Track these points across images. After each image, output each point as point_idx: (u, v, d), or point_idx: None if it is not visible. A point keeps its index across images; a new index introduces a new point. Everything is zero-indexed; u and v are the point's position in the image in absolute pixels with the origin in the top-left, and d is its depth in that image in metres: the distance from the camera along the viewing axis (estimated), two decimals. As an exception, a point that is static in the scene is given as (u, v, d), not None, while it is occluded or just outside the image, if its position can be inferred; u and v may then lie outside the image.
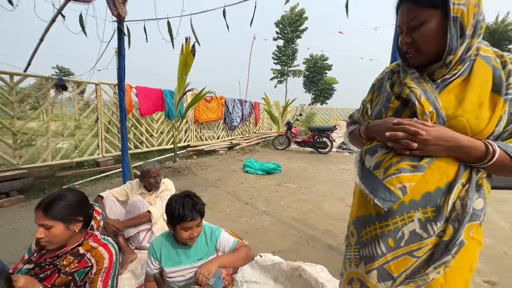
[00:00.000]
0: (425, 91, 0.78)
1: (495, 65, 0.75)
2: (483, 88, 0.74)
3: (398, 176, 0.77)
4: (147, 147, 6.45)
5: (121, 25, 3.39)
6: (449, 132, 0.74)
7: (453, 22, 0.72)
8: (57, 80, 4.43)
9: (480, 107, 0.73)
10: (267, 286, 1.84)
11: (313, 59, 20.87)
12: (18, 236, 2.56)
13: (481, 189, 0.75)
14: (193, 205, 1.27)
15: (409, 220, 0.78)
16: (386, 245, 0.81)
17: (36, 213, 1.12)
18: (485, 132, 0.73)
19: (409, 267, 0.79)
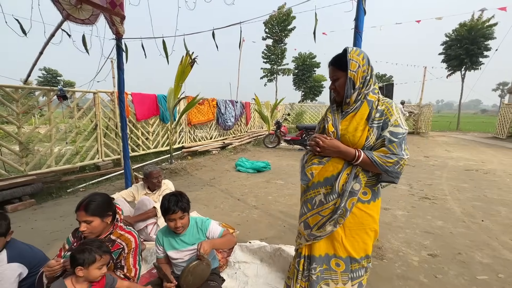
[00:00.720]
0: (334, 118, 1.37)
1: (373, 106, 1.29)
2: (360, 119, 1.29)
3: (310, 167, 1.37)
4: (144, 149, 6.79)
5: (119, 42, 3.74)
6: (336, 142, 1.30)
7: (349, 80, 1.28)
8: (58, 91, 4.73)
9: (355, 130, 1.29)
10: (254, 265, 2.29)
11: (301, 57, 21.30)
12: (38, 235, 2.92)
13: (357, 177, 1.28)
14: (176, 202, 1.64)
15: (317, 193, 1.35)
16: (307, 207, 1.41)
17: (78, 213, 1.49)
18: (359, 144, 1.28)
19: (319, 221, 1.35)
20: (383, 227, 3.05)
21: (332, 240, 1.35)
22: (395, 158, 1.21)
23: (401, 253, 2.51)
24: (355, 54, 1.27)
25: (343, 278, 1.35)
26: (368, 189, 1.32)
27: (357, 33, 2.23)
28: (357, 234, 1.33)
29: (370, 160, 1.22)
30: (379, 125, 1.26)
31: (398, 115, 1.27)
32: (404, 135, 1.25)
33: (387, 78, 24.27)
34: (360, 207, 1.31)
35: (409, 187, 4.59)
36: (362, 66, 1.26)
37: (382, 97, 1.32)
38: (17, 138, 4.32)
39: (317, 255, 1.37)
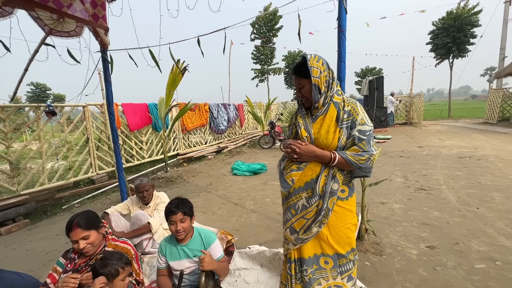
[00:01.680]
0: (305, 123, 1.41)
1: (340, 107, 1.37)
2: (330, 122, 1.36)
3: (290, 174, 1.41)
4: (138, 160, 6.73)
5: (105, 54, 3.70)
6: (312, 147, 1.35)
7: (314, 86, 1.34)
8: (46, 107, 4.66)
9: (327, 133, 1.35)
10: (255, 271, 2.28)
11: (291, 56, 21.41)
12: (33, 256, 2.87)
13: (335, 178, 1.36)
14: (177, 204, 1.71)
15: (299, 198, 1.41)
16: (291, 213, 1.45)
17: (72, 232, 1.48)
18: (332, 146, 1.35)
19: (304, 225, 1.40)
20: (381, 222, 3.06)
21: (319, 240, 1.41)
22: (366, 155, 1.30)
23: (400, 247, 2.53)
24: (315, 61, 1.33)
25: (333, 274, 1.41)
26: (345, 186, 1.40)
27: (340, 33, 2.24)
28: (341, 231, 1.40)
29: (344, 160, 1.31)
30: (348, 125, 1.34)
31: (363, 113, 1.36)
32: (371, 132, 1.34)
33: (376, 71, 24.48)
34: (340, 205, 1.39)
35: (404, 179, 4.63)
36: (324, 71, 1.33)
37: (346, 98, 1.40)
38: (7, 158, 4.25)
39: (307, 257, 1.42)
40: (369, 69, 24.95)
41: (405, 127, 13.16)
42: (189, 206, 1.76)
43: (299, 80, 1.38)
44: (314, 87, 1.33)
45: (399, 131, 11.43)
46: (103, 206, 4.47)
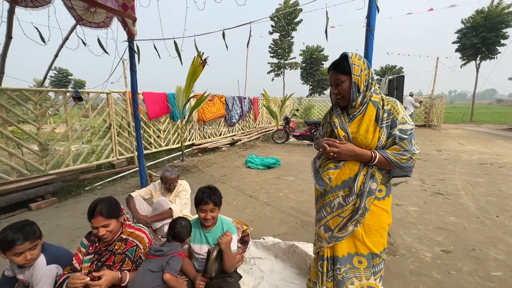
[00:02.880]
0: (341, 122, 1.39)
1: (379, 107, 1.34)
2: (370, 121, 1.33)
3: (327, 172, 1.40)
4: (155, 147, 6.95)
5: (131, 44, 3.82)
6: (351, 146, 1.34)
7: (353, 85, 1.32)
8: (74, 92, 4.88)
9: (367, 132, 1.33)
10: (269, 261, 2.37)
11: (309, 51, 21.03)
12: (62, 232, 3.09)
13: (374, 177, 1.35)
14: (209, 194, 1.78)
15: (336, 196, 1.40)
16: (326, 211, 1.45)
17: (94, 220, 1.52)
18: (372, 145, 1.32)
19: (339, 223, 1.40)
20: (395, 223, 3.07)
21: (354, 239, 1.40)
22: (408, 154, 1.28)
23: (414, 249, 2.54)
24: (356, 59, 1.31)
25: (366, 274, 1.40)
26: (383, 186, 1.38)
27: (369, 31, 2.22)
28: (376, 231, 1.39)
29: (385, 159, 1.29)
30: (388, 124, 1.32)
31: (403, 112, 1.33)
32: (412, 131, 1.31)
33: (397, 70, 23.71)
34: (377, 204, 1.37)
35: (421, 182, 4.56)
36: (364, 70, 1.31)
37: (385, 97, 1.37)
38: (37, 139, 4.51)
39: (340, 256, 1.41)
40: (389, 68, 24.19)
41: (423, 129, 12.79)
42: (219, 197, 1.82)
43: (337, 76, 1.34)
44: (354, 85, 1.30)
45: (417, 133, 11.13)
46: (123, 189, 4.68)
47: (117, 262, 1.60)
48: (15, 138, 4.32)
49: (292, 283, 2.07)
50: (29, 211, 3.75)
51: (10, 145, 4.25)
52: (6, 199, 3.55)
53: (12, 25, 3.72)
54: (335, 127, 1.39)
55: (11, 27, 3.83)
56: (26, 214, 3.68)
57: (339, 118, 1.40)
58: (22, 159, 4.40)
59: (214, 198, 1.77)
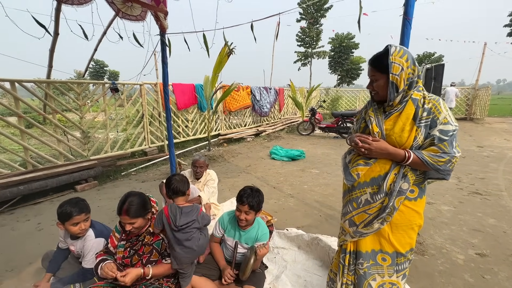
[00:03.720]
0: (377, 118, 1.35)
1: (419, 105, 1.26)
2: (406, 119, 1.27)
3: (356, 168, 1.39)
4: (184, 137, 7.24)
5: (163, 37, 3.97)
6: (384, 144, 1.29)
7: (391, 84, 1.25)
8: (111, 84, 5.23)
9: (402, 131, 1.27)
10: (292, 251, 2.42)
11: (338, 38, 20.12)
12: (103, 212, 3.41)
13: (406, 177, 1.29)
14: (247, 196, 1.77)
15: (363, 193, 1.38)
16: (352, 206, 1.43)
17: (122, 217, 1.62)
18: (407, 145, 1.27)
19: (365, 219, 1.38)
20: (426, 221, 2.94)
21: (379, 237, 1.38)
22: (446, 157, 1.19)
23: (445, 250, 2.44)
24: (398, 56, 1.21)
25: (389, 271, 1.39)
26: (415, 187, 1.32)
27: (406, 20, 2.10)
28: (403, 231, 1.35)
29: (420, 160, 1.22)
30: (427, 124, 1.24)
31: (446, 112, 1.24)
32: (454, 132, 1.22)
33: (436, 58, 21.86)
34: (407, 205, 1.32)
35: (457, 180, 4.28)
36: (407, 69, 1.21)
37: (427, 94, 1.28)
38: (80, 127, 4.94)
39: (364, 251, 1.41)
40: (426, 55, 22.40)
41: (463, 122, 11.80)
42: (258, 202, 1.78)
43: (373, 73, 1.29)
44: (391, 85, 1.23)
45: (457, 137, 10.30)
46: (155, 176, 5.00)
47: (146, 252, 1.71)
48: (62, 126, 4.77)
49: (314, 274, 2.11)
50: (75, 192, 4.18)
51: (58, 132, 4.72)
52: (56, 181, 3.98)
53: (59, 22, 4.04)
54: (369, 123, 1.35)
55: (58, 24, 4.17)
56: (72, 195, 4.10)
57: (375, 114, 1.35)
58: (68, 145, 4.87)
59: (251, 201, 1.75)
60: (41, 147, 5.89)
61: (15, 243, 2.69)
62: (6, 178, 3.62)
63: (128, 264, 1.67)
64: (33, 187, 3.71)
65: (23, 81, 4.10)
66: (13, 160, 4.45)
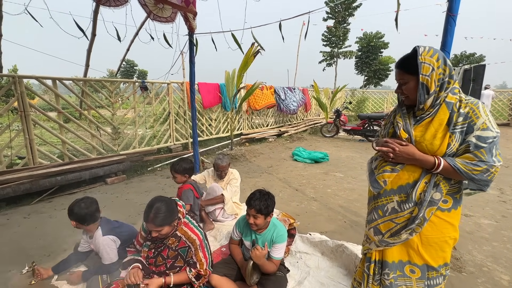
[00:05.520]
0: (405, 123, 1.26)
1: (454, 109, 1.16)
2: (439, 125, 1.17)
3: (382, 174, 1.31)
4: (207, 135, 7.37)
5: (192, 38, 4.05)
6: (412, 149, 1.20)
7: (421, 86, 1.17)
8: (141, 83, 5.45)
9: (433, 138, 1.18)
10: (315, 257, 2.35)
11: (366, 38, 19.35)
12: (131, 205, 3.55)
13: (438, 186, 1.19)
14: (255, 199, 1.73)
15: (390, 201, 1.30)
16: (377, 214, 1.36)
17: (148, 225, 1.62)
18: (439, 152, 1.17)
19: (391, 228, 1.30)
20: (463, 236, 2.71)
21: (407, 248, 1.30)
22: (483, 166, 1.09)
23: (486, 268, 2.22)
24: (428, 55, 1.13)
25: (418, 285, 1.29)
26: (449, 197, 1.22)
27: (450, 17, 1.94)
28: (435, 243, 1.25)
29: (453, 168, 1.12)
30: (463, 130, 1.14)
31: (486, 117, 1.13)
32: (495, 139, 1.11)
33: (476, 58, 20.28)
34: (440, 216, 1.22)
35: (499, 192, 3.91)
36: (438, 69, 1.14)
37: (464, 97, 1.17)
38: (112, 123, 5.21)
39: (390, 261, 1.32)
40: (465, 55, 20.85)
41: (506, 128, 10.81)
42: (265, 205, 1.73)
43: (402, 76, 1.22)
44: (422, 86, 1.16)
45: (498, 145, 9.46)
46: (179, 173, 5.12)
47: (171, 257, 1.71)
48: (96, 121, 5.06)
49: (339, 283, 2.02)
50: (105, 185, 4.41)
51: (92, 127, 5.01)
52: (89, 173, 4.22)
53: (96, 23, 4.29)
54: (397, 128, 1.26)
55: (95, 26, 4.42)
56: (103, 187, 4.33)
57: (403, 119, 1.27)
58: (101, 140, 5.15)
59: (258, 204, 1.71)
60: (76, 141, 6.30)
61: (53, 230, 2.89)
62: (46, 169, 3.90)
63: (152, 264, 1.71)
64: (69, 178, 3.97)
65: (63, 79, 4.41)
66: (52, 152, 4.79)
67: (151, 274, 1.73)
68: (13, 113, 5.28)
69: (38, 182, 3.66)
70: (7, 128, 3.99)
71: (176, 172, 2.58)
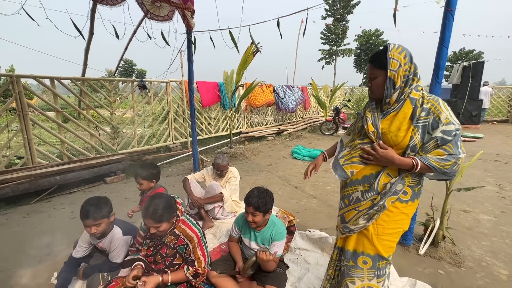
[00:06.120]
0: (374, 118, 1.33)
1: (417, 104, 1.23)
2: (403, 119, 1.24)
3: (351, 165, 1.39)
4: (206, 134, 7.37)
5: (190, 36, 4.04)
6: (391, 153, 1.25)
7: (389, 80, 1.23)
8: (139, 82, 5.44)
9: (398, 130, 1.25)
10: (315, 253, 2.35)
11: (365, 35, 19.33)
12: (130, 204, 3.54)
13: (403, 180, 1.28)
14: (254, 197, 1.73)
15: (355, 190, 1.39)
16: (344, 203, 1.46)
17: (146, 220, 1.61)
18: (402, 144, 1.24)
19: (354, 216, 1.39)
20: (462, 231, 2.72)
21: (362, 238, 1.39)
22: (452, 160, 1.18)
23: (485, 264, 2.23)
24: (397, 52, 1.21)
25: (369, 275, 1.38)
26: (410, 189, 1.31)
27: (448, 12, 1.93)
28: (389, 234, 1.34)
29: (428, 166, 1.21)
30: (425, 124, 1.22)
31: (447, 111, 1.21)
32: (458, 132, 1.19)
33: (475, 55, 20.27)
34: (398, 206, 1.31)
35: (498, 188, 3.92)
36: (404, 65, 1.21)
37: (426, 94, 1.26)
38: (111, 122, 5.20)
39: (347, 249, 1.44)
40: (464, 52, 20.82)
41: (504, 125, 10.82)
42: (264, 202, 1.72)
43: (372, 70, 1.28)
44: (389, 80, 1.22)
45: (495, 130, 9.49)
46: (178, 171, 5.13)
47: (169, 255, 1.69)
48: (94, 121, 5.05)
49: (339, 280, 2.02)
50: (105, 184, 4.40)
51: (91, 127, 5.00)
52: (88, 173, 4.22)
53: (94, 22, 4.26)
54: (365, 122, 1.33)
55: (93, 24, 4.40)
56: (102, 186, 4.32)
57: (372, 113, 1.34)
58: (100, 140, 5.14)
59: (256, 201, 1.70)
60: (75, 141, 6.29)
61: (52, 229, 2.89)
62: (45, 168, 3.90)
63: (151, 262, 1.71)
64: (68, 177, 3.96)
65: (61, 78, 4.39)
66: (51, 152, 4.78)
67: (150, 272, 1.73)
68: (11, 113, 5.27)
69: (37, 182, 3.66)
70: (5, 128, 3.98)
71: (143, 178, 2.31)
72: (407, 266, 2.20)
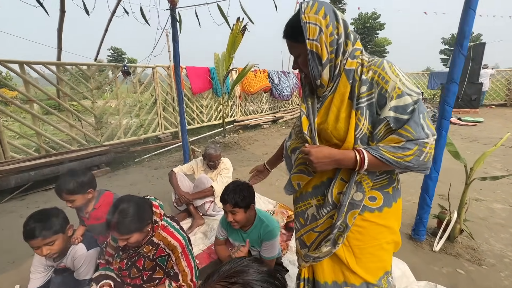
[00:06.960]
0: (308, 108, 0.97)
1: (355, 77, 0.87)
2: (341, 102, 0.89)
3: (296, 175, 1.02)
4: (198, 123, 7.00)
5: (174, 12, 3.61)
6: (327, 149, 0.88)
7: (311, 54, 0.86)
8: (123, 66, 5.00)
9: (336, 121, 0.89)
10: (318, 253, 2.09)
11: (362, 19, 18.76)
12: (113, 201, 3.23)
13: (359, 184, 0.90)
14: (229, 192, 1.47)
15: (309, 205, 1.04)
16: (299, 223, 1.09)
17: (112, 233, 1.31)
18: (350, 139, 0.87)
19: (315, 239, 1.02)
20: (478, 223, 2.49)
21: (339, 265, 1.00)
22: (414, 147, 0.80)
23: (507, 260, 1.99)
24: (312, 12, 0.83)
25: None
26: (377, 193, 0.95)
27: None
28: (370, 253, 0.97)
29: (380, 160, 0.83)
30: (371, 102, 0.85)
31: (397, 78, 0.83)
32: (417, 104, 0.81)
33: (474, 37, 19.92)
34: (369, 218, 0.95)
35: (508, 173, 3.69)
36: (327, 28, 0.83)
37: (367, 59, 0.89)
38: (93, 112, 4.79)
39: (322, 282, 1.03)
40: (460, 35, 20.40)
41: (503, 109, 10.65)
42: (241, 197, 1.49)
43: (291, 46, 0.93)
44: (312, 54, 0.86)
45: (495, 114, 9.31)
46: (168, 163, 4.80)
47: (147, 268, 1.41)
48: (73, 110, 4.64)
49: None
50: (87, 179, 4.06)
51: (71, 117, 4.59)
52: (68, 167, 3.86)
53: None
54: (299, 118, 1.00)
55: (64, 1, 3.92)
56: (84, 181, 3.98)
57: (306, 104, 0.98)
58: (81, 131, 4.75)
59: (234, 197, 1.46)
60: (57, 133, 5.87)
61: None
62: (18, 163, 3.53)
63: (126, 276, 1.41)
64: (44, 172, 3.61)
65: (31, 62, 3.95)
66: (28, 146, 4.39)
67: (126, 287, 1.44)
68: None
69: (8, 178, 3.30)
70: (-30, 119, 3.57)
71: (73, 192, 1.60)
72: (421, 265, 1.96)
